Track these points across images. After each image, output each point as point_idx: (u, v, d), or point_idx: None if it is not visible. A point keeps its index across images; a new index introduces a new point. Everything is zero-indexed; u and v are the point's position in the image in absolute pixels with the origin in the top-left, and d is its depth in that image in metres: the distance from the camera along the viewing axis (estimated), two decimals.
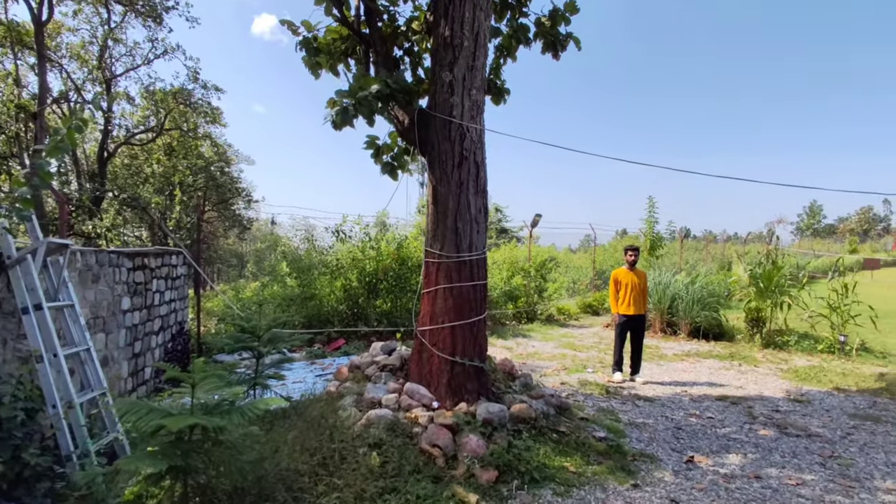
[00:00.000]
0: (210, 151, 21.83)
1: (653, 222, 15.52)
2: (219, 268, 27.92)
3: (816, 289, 11.20)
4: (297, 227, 11.88)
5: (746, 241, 29.31)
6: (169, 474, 3.04)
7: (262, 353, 5.48)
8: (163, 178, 19.71)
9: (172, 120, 20.04)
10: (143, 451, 3.08)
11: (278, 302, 10.08)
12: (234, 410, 3.16)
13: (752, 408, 6.12)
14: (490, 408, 4.52)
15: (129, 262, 5.71)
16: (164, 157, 20.36)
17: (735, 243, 29.95)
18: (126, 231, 19.47)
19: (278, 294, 10.39)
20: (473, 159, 4.92)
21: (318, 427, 4.26)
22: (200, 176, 20.05)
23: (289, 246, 11.85)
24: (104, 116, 18.26)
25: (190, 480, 3.16)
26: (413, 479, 3.76)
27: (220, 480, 3.28)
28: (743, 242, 29.07)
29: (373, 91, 4.49)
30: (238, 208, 23.85)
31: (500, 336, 10.81)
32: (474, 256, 4.98)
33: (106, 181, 18.47)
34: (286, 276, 10.75)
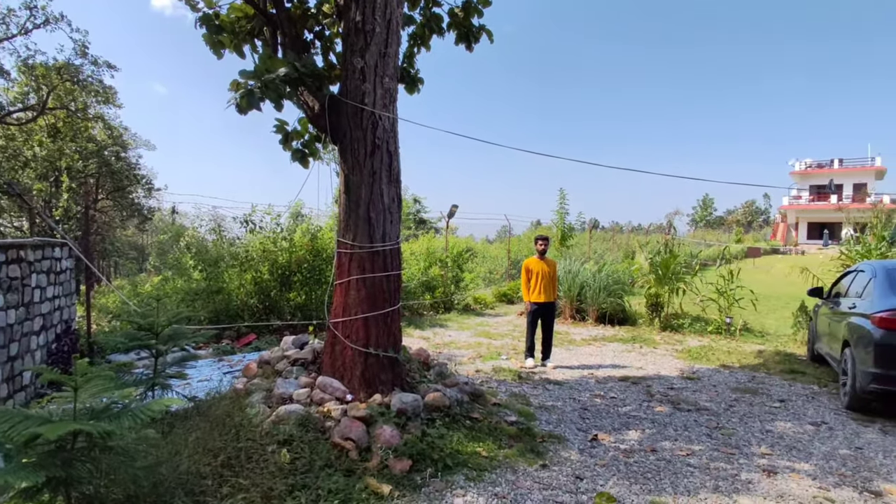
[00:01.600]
0: (103, 134, 20.01)
1: (564, 213, 16.21)
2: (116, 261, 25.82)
3: (707, 275, 12.24)
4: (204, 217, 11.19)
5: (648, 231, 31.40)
6: (48, 487, 2.77)
7: (162, 351, 5.12)
8: (46, 163, 17.82)
9: (57, 98, 18.15)
10: (18, 463, 2.78)
11: (182, 296, 9.48)
12: (124, 414, 2.92)
13: (650, 386, 6.57)
14: (404, 398, 4.52)
15: (2, 255, 5.12)
16: (48, 140, 18.41)
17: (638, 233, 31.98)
18: (2, 221, 17.49)
19: (182, 288, 9.76)
20: (386, 148, 4.85)
21: (223, 426, 4.05)
22: (92, 161, 18.34)
23: (194, 237, 11.14)
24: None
25: (74, 492, 2.89)
26: (324, 473, 3.68)
27: (110, 490, 3.04)
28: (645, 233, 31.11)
29: (280, 74, 4.29)
30: (137, 197, 22.09)
31: (417, 326, 10.84)
32: (388, 247, 4.93)
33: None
34: (191, 268, 10.12)
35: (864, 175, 47.39)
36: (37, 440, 2.72)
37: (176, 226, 15.38)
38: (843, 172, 48.30)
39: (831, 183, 47.73)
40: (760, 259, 30.89)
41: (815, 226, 47.16)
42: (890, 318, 5.32)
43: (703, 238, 40.26)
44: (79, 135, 18.67)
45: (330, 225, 11.96)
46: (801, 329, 9.67)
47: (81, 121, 18.86)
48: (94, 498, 3.00)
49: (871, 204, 27.72)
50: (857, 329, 5.83)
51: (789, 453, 4.55)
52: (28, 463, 2.74)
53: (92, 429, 2.66)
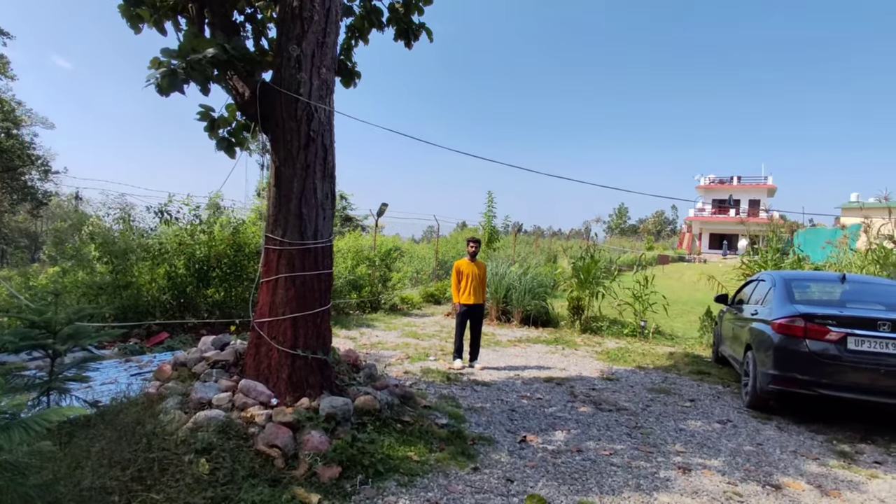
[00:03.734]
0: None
1: (491, 216, 16.50)
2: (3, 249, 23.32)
3: (624, 280, 12.86)
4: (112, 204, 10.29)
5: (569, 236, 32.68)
6: None
7: (60, 351, 4.61)
8: None
9: None
10: None
11: (83, 291, 8.65)
12: (14, 425, 2.58)
13: (573, 387, 6.79)
14: (334, 402, 4.35)
15: None
16: None
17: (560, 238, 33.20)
18: None
19: (84, 281, 8.90)
20: (322, 142, 4.66)
21: (132, 435, 3.70)
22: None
23: (99, 226, 10.21)
24: None
25: None
26: (248, 484, 3.46)
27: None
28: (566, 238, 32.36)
29: (208, 55, 3.99)
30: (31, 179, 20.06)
31: (343, 326, 10.59)
32: (320, 244, 4.74)
33: None
34: (95, 260, 9.25)
35: (758, 192, 52.18)
36: None
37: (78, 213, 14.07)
38: (740, 189, 52.89)
39: (730, 198, 52.24)
40: (669, 266, 33.03)
41: (716, 237, 51.21)
42: (788, 325, 5.81)
43: (620, 245, 42.50)
44: None
45: (253, 219, 11.40)
46: (707, 332, 10.39)
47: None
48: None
49: (766, 218, 30.45)
50: (758, 334, 6.31)
51: (701, 450, 4.84)
52: None
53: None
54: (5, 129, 18.33)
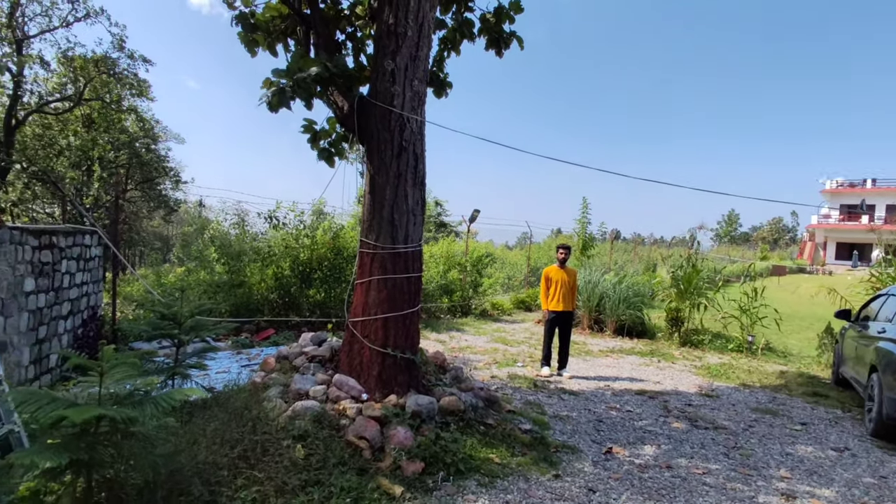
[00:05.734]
0: (135, 126, 20.48)
1: (586, 223, 16.08)
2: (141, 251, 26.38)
3: (730, 292, 12.02)
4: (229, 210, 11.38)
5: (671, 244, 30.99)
6: (70, 468, 2.84)
7: (184, 341, 5.22)
8: (80, 152, 18.28)
9: (93, 90, 18.62)
10: (43, 443, 2.86)
11: (204, 288, 9.63)
12: (147, 401, 2.99)
13: (667, 402, 6.48)
14: (419, 400, 4.53)
15: (35, 241, 5.27)
16: (83, 130, 18.90)
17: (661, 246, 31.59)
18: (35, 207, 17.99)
19: (205, 280, 9.92)
20: (413, 150, 4.88)
21: (240, 419, 4.10)
22: (123, 152, 18.78)
23: (218, 230, 11.32)
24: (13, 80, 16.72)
25: (95, 475, 2.96)
26: (338, 471, 3.70)
27: (129, 475, 3.09)
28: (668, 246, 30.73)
29: (312, 73, 4.35)
30: (165, 188, 22.54)
31: (433, 329, 10.85)
32: (410, 248, 4.95)
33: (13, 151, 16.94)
34: (214, 261, 10.28)
35: None
36: (62, 422, 2.79)
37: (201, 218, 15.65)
38: (875, 192, 47.05)
39: (863, 203, 46.47)
40: (786, 278, 30.24)
41: (844, 246, 46.00)
42: None
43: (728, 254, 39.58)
44: (112, 126, 19.12)
45: (352, 224, 12.05)
46: (827, 351, 9.44)
47: (115, 112, 19.32)
48: (115, 482, 3.06)
49: None
50: (886, 354, 5.67)
51: (810, 478, 4.44)
52: (53, 444, 2.80)
53: (116, 414, 2.72)
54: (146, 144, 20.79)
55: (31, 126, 18.81)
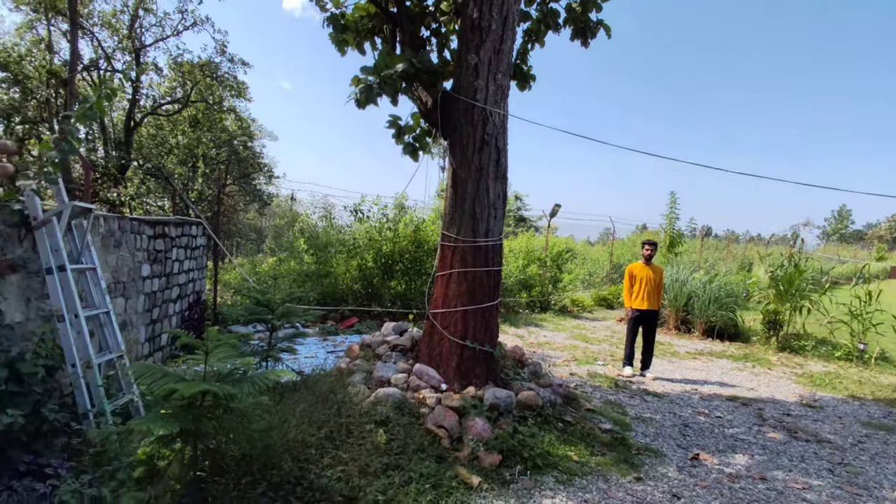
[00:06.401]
0: (234, 125, 21.98)
1: (674, 218, 15.30)
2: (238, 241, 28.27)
3: (838, 295, 10.99)
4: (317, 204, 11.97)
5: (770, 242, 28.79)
6: (180, 437, 3.13)
7: (276, 326, 5.56)
8: (186, 150, 19.92)
9: (199, 92, 20.19)
10: (157, 413, 3.16)
11: (294, 277, 10.19)
12: (245, 380, 3.22)
13: (762, 410, 6.06)
14: (497, 393, 4.54)
15: (150, 230, 5.81)
16: (189, 129, 20.55)
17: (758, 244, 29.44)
18: (149, 200, 19.78)
19: (295, 270, 10.49)
20: (495, 144, 4.88)
21: (326, 401, 4.32)
22: (223, 149, 20.22)
23: (307, 223, 11.93)
24: (132, 86, 18.46)
25: (200, 444, 3.24)
26: (417, 457, 3.81)
27: (228, 446, 3.35)
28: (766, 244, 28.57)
29: (398, 70, 4.46)
30: (259, 183, 24.06)
31: (512, 324, 10.81)
32: (490, 242, 4.97)
33: (132, 150, 18.74)
34: (303, 252, 10.85)
35: None
36: (173, 395, 3.07)
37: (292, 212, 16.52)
38: None
39: None
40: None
41: None
42: None
43: (837, 253, 36.17)
44: (214, 125, 20.65)
45: (432, 218, 12.25)
46: None
47: (217, 113, 20.83)
48: (216, 452, 3.34)
49: None
50: None
51: None
52: (165, 414, 3.10)
53: (219, 390, 2.96)
54: (243, 142, 22.28)
55: (146, 127, 20.72)
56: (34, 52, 17.42)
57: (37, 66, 16.97)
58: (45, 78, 16.71)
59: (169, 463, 3.28)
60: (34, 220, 3.71)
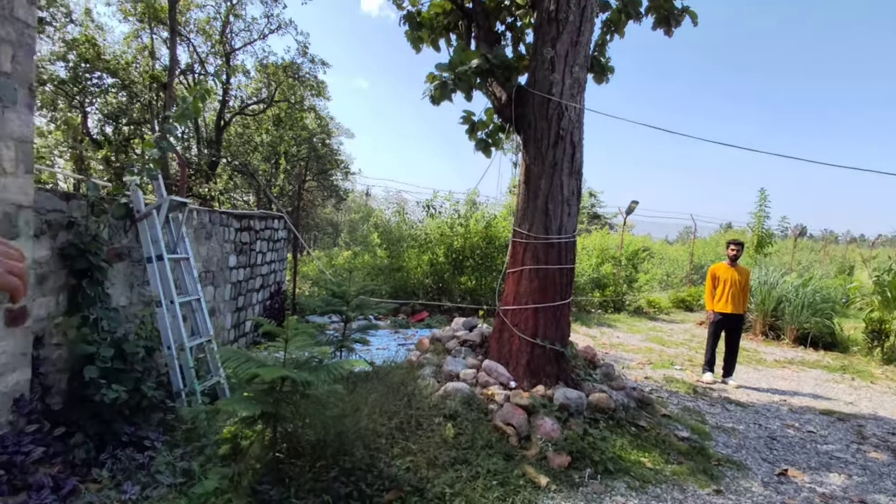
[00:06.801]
0: (314, 123, 22.90)
1: (763, 217, 14.32)
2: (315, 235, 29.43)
3: None
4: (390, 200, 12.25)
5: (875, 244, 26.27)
6: (261, 419, 3.30)
7: (350, 317, 5.75)
8: (270, 148, 20.99)
9: (282, 92, 21.19)
10: (240, 395, 3.36)
11: (367, 271, 10.49)
12: (321, 368, 3.35)
13: (862, 427, 5.55)
14: (568, 393, 4.45)
15: (237, 223, 6.17)
16: (273, 128, 21.63)
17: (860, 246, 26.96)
18: (235, 195, 21.03)
19: (368, 263, 10.80)
20: (570, 139, 4.77)
21: (397, 393, 4.42)
22: (303, 146, 21.12)
23: (381, 218, 12.23)
24: (223, 88, 19.66)
25: (279, 427, 3.41)
26: (485, 453, 3.81)
27: (304, 431, 3.51)
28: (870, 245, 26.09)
29: (472, 66, 4.46)
30: (336, 179, 24.93)
31: (583, 323, 10.56)
32: (563, 239, 4.87)
33: (221, 148, 19.99)
34: (377, 246, 11.14)
35: None
36: (255, 379, 3.25)
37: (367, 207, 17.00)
38: None
39: None
40: None
41: None
42: None
43: None
44: (295, 124, 21.61)
45: (504, 214, 12.18)
46: None
47: (298, 112, 21.79)
48: (293, 435, 3.50)
49: None
50: None
51: None
52: (248, 397, 3.29)
53: (297, 377, 3.10)
54: (321, 139, 23.16)
55: (234, 126, 22.02)
56: (139, 58, 18.97)
57: (141, 72, 18.47)
58: (148, 82, 18.16)
59: (251, 443, 3.48)
60: (137, 213, 4.04)
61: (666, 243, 28.00)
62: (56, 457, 3.22)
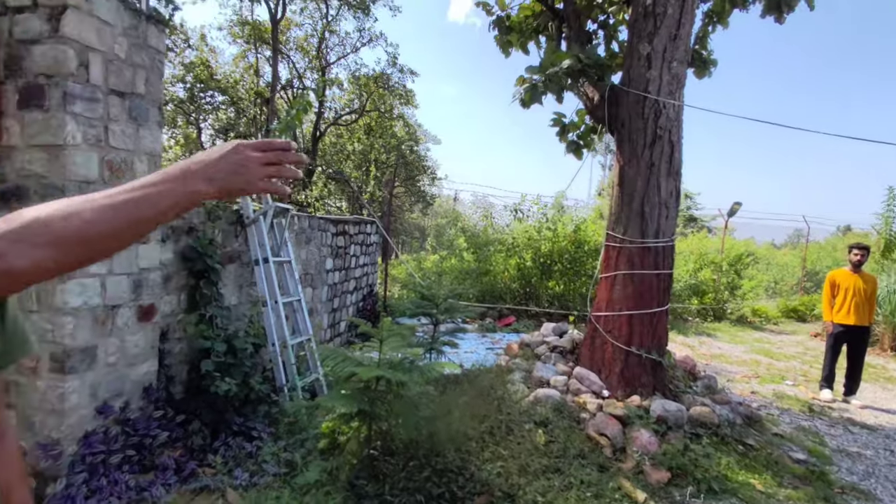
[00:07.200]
0: (402, 131, 23.54)
1: (891, 219, 12.81)
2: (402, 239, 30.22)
3: None
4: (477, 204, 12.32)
5: None
6: (358, 416, 3.43)
7: (439, 320, 5.83)
8: (361, 156, 21.85)
9: (372, 102, 21.99)
10: (337, 392, 3.52)
11: (455, 274, 10.59)
12: (414, 369, 3.42)
13: None
14: (666, 405, 4.23)
15: (333, 228, 6.47)
16: (364, 136, 22.50)
17: None
18: (329, 202, 22.08)
19: (455, 267, 10.91)
20: (668, 138, 4.54)
21: (486, 397, 4.42)
22: (392, 154, 21.77)
23: (467, 222, 12.33)
24: (318, 100, 20.76)
25: (374, 425, 3.52)
26: (577, 463, 3.70)
27: (397, 430, 3.60)
28: None
29: (564, 67, 4.38)
30: (423, 185, 25.45)
31: (680, 332, 9.99)
32: (661, 243, 4.64)
33: (316, 157, 21.09)
34: (463, 250, 11.23)
35: None
36: (352, 378, 3.39)
37: (454, 211, 17.21)
38: None
39: None
40: None
41: None
42: None
43: None
44: (385, 132, 22.33)
45: (593, 217, 11.84)
46: None
47: (388, 120, 22.50)
48: (387, 434, 3.60)
49: None
50: None
51: None
52: (346, 395, 3.43)
53: (392, 377, 3.19)
54: (409, 146, 23.76)
55: (329, 136, 23.14)
56: (245, 77, 20.50)
57: (247, 89, 19.94)
58: (253, 98, 19.56)
59: (348, 439, 3.62)
60: (247, 219, 4.36)
61: (772, 247, 25.86)
62: (177, 441, 3.54)
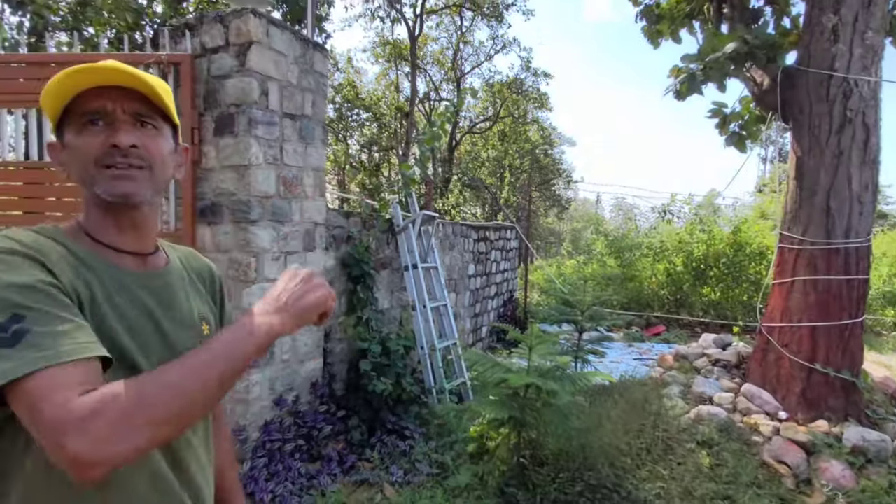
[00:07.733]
0: (536, 135, 23.31)
1: None
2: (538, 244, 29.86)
3: None
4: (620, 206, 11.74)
5: None
6: (508, 423, 3.39)
7: (584, 328, 5.61)
8: (495, 162, 22.03)
9: (506, 108, 22.08)
10: (485, 398, 3.51)
11: (597, 280, 10.16)
12: (565, 377, 3.30)
13: None
14: (866, 434, 3.61)
15: (475, 234, 6.56)
16: (498, 143, 22.66)
17: None
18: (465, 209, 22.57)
19: (597, 272, 10.47)
20: (862, 121, 3.89)
21: (640, 410, 4.13)
22: (526, 159, 21.64)
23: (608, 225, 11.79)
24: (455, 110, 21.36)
25: (523, 433, 3.46)
26: (752, 492, 3.30)
27: (546, 439, 3.50)
28: None
29: (727, 51, 3.96)
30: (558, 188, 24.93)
31: (872, 348, 8.53)
32: (852, 244, 3.99)
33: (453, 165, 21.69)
34: (604, 255, 10.74)
35: None
36: (501, 384, 3.36)
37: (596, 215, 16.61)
38: None
39: None
40: None
41: None
42: None
43: None
44: (519, 137, 22.29)
45: (754, 217, 10.65)
46: None
47: (522, 125, 22.43)
48: (536, 442, 3.52)
49: None
50: None
51: None
52: (494, 401, 3.41)
53: (543, 385, 3.10)
54: (544, 150, 23.43)
55: (464, 144, 23.68)
56: (386, 93, 21.79)
57: (389, 104, 21.17)
58: (394, 113, 20.71)
59: (497, 445, 3.60)
60: (397, 227, 4.57)
61: None
62: (339, 435, 3.79)
